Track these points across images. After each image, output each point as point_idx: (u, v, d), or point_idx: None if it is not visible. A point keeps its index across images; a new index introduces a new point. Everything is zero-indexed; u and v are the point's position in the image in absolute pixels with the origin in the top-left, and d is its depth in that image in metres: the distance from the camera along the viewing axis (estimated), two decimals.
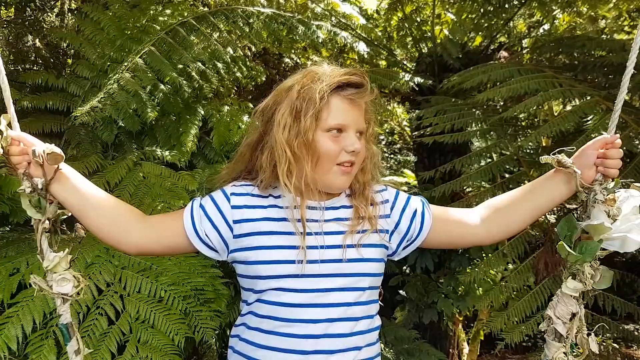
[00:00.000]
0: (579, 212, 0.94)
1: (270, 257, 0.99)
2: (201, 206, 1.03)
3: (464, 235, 1.11)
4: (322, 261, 0.99)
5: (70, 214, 0.98)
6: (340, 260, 1.00)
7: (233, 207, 1.02)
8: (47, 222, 0.93)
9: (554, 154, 0.94)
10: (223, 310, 1.93)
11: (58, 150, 0.91)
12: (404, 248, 1.10)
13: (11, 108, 0.93)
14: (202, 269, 1.94)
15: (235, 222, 1.01)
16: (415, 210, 1.09)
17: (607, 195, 0.90)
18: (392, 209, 1.09)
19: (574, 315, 0.92)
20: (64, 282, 0.91)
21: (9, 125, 0.92)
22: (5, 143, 0.90)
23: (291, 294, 0.98)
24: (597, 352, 0.95)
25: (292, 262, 0.98)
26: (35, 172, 0.92)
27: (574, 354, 0.93)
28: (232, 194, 1.04)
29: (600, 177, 0.93)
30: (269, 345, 0.99)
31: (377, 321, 1.07)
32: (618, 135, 0.98)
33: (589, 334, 0.92)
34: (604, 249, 0.89)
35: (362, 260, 1.02)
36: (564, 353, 0.92)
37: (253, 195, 1.04)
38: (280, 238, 1.00)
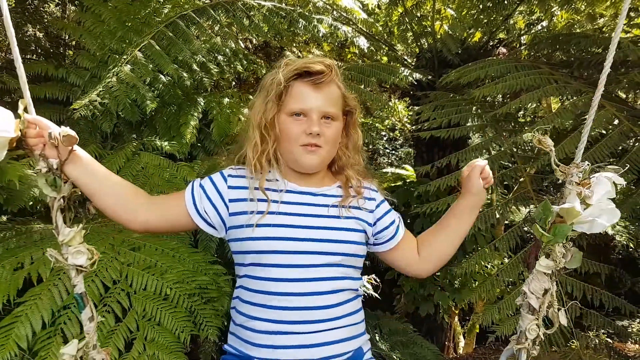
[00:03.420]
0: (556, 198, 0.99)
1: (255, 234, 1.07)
2: (201, 186, 1.13)
3: (410, 264, 1.22)
4: (305, 239, 1.07)
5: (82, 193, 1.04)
6: (320, 240, 1.07)
7: (230, 187, 1.11)
8: (62, 200, 0.98)
9: (536, 130, 1.00)
10: (226, 309, 1.93)
11: (72, 133, 0.96)
12: (372, 243, 1.19)
13: (27, 93, 0.98)
14: (206, 266, 1.93)
15: (230, 200, 1.10)
16: (394, 220, 1.20)
17: (583, 178, 0.95)
18: (377, 207, 1.19)
19: (546, 290, 0.98)
20: (79, 254, 0.96)
21: (25, 109, 0.97)
22: (23, 126, 0.95)
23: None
24: (566, 325, 1.01)
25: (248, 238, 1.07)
26: (51, 153, 0.98)
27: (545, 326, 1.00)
28: (229, 175, 1.13)
29: (578, 160, 0.98)
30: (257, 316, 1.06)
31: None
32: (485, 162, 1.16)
33: (559, 309, 0.99)
34: (574, 230, 0.95)
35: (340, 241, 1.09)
36: (536, 325, 0.98)
37: (250, 178, 1.12)
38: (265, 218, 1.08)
